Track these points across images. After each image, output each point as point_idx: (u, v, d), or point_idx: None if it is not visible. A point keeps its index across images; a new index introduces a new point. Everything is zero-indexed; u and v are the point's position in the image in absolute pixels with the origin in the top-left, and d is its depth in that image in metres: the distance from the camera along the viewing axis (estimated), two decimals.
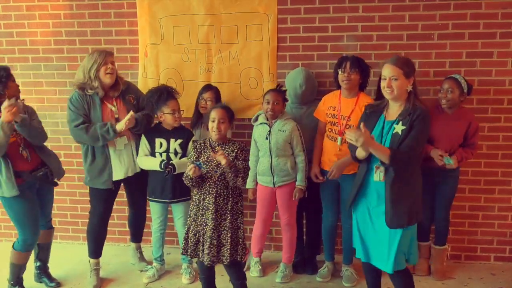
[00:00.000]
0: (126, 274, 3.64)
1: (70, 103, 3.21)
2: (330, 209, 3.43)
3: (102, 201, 3.36)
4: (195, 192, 2.90)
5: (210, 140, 2.90)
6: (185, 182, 2.87)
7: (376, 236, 2.61)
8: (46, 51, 3.91)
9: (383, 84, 2.53)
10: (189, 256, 2.97)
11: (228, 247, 2.81)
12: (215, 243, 2.81)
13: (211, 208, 2.81)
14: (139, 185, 3.50)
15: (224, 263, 2.85)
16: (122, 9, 3.76)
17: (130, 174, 3.35)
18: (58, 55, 3.90)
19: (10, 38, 3.92)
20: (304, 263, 3.63)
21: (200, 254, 2.87)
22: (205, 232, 2.83)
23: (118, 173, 3.30)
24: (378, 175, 2.54)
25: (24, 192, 3.02)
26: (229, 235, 2.82)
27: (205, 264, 2.85)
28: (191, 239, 2.89)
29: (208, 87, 3.54)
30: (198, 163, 2.78)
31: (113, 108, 3.25)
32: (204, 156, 2.85)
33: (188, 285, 3.46)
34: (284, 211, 3.42)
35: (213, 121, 2.83)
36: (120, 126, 3.15)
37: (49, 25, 3.86)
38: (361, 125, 2.50)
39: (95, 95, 3.18)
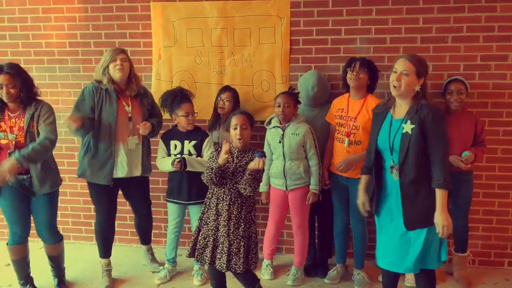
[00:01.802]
0: (138, 275, 3.66)
1: (81, 92, 3.25)
2: (341, 212, 3.42)
3: (104, 199, 3.35)
4: (209, 196, 2.87)
5: (232, 145, 2.82)
6: (204, 178, 2.80)
7: (398, 236, 2.56)
8: (61, 53, 3.96)
9: (392, 77, 2.50)
10: (195, 260, 2.90)
11: (241, 256, 2.76)
12: (226, 250, 2.76)
13: (224, 215, 2.77)
14: (139, 190, 3.49)
15: (237, 272, 2.79)
16: (136, 12, 3.80)
17: (133, 175, 3.34)
18: (73, 57, 3.95)
19: (26, 40, 3.98)
20: (315, 266, 3.63)
21: (207, 259, 2.82)
22: (216, 237, 2.80)
23: (119, 171, 3.29)
24: (395, 175, 2.51)
25: (6, 189, 3.03)
26: (242, 244, 2.77)
27: (217, 268, 2.82)
28: (200, 242, 2.85)
29: (226, 88, 3.56)
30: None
31: (127, 108, 3.28)
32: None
33: (199, 286, 3.46)
34: (296, 215, 3.41)
35: (235, 128, 2.77)
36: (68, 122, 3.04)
37: (65, 28, 3.91)
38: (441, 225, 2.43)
39: (112, 90, 3.21)
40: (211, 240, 2.81)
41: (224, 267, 2.77)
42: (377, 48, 3.53)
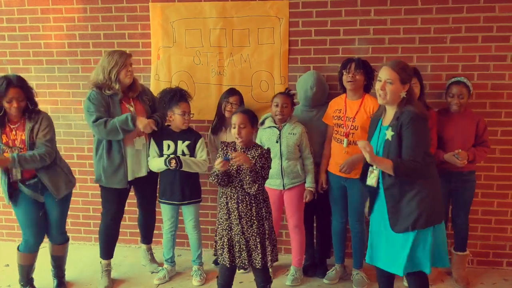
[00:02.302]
0: (137, 275, 3.66)
1: (88, 101, 3.19)
2: (339, 212, 3.43)
3: (115, 201, 3.38)
4: (220, 195, 2.87)
5: (236, 144, 2.84)
6: (210, 179, 2.81)
7: (388, 238, 2.59)
8: (60, 53, 3.96)
9: (377, 86, 2.52)
10: (222, 262, 2.88)
11: (259, 251, 2.77)
12: (244, 248, 2.78)
13: (234, 213, 2.78)
14: (149, 186, 3.53)
15: (257, 267, 2.82)
16: (135, 12, 3.80)
17: (142, 175, 3.38)
18: (71, 57, 3.95)
19: (25, 41, 3.98)
20: (314, 266, 3.63)
21: (226, 260, 2.82)
22: (230, 237, 2.81)
23: (131, 173, 3.32)
24: (370, 180, 2.52)
25: (20, 198, 3.05)
26: (258, 241, 2.77)
27: (238, 266, 2.83)
28: (217, 242, 2.87)
29: (233, 91, 3.54)
30: (226, 157, 2.69)
31: (131, 108, 3.28)
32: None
33: (198, 287, 3.47)
34: (293, 214, 3.42)
35: (234, 127, 2.78)
36: (142, 123, 3.15)
37: (63, 28, 3.91)
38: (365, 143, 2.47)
39: (114, 95, 3.20)
40: (225, 240, 2.82)
41: (246, 263, 2.79)
42: (375, 49, 3.53)
